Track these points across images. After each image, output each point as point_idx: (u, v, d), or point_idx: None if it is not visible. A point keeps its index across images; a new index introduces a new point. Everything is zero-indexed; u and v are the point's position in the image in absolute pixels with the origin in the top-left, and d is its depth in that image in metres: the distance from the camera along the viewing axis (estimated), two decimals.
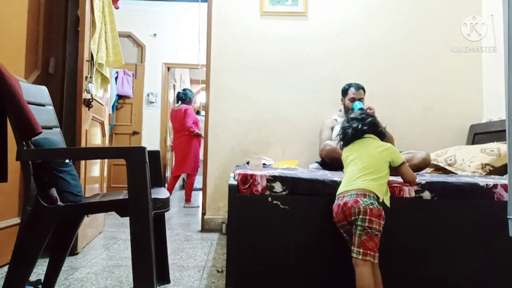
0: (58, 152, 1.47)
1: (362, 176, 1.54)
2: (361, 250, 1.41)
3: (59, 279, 1.73)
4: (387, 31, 3.23)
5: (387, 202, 1.55)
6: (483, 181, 1.73)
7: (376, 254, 1.42)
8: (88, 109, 2.40)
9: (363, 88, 2.84)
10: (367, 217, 1.43)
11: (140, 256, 1.30)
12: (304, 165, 2.94)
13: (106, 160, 3.00)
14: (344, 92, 2.88)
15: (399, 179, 1.72)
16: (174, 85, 6.77)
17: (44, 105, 1.63)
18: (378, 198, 1.50)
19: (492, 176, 2.19)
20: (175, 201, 4.93)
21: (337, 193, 1.57)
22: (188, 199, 4.68)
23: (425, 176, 1.97)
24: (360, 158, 1.61)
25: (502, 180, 1.80)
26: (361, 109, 2.55)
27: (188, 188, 4.71)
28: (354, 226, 1.46)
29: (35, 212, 1.33)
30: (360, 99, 2.82)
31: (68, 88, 2.47)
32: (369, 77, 3.15)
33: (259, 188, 1.65)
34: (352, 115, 1.81)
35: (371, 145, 1.65)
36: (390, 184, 1.65)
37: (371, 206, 1.45)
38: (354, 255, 1.43)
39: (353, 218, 1.46)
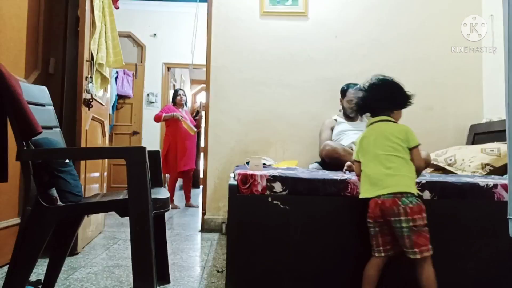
0: (58, 152, 1.47)
1: (392, 176, 1.48)
2: (417, 250, 1.41)
3: (59, 279, 1.73)
4: (387, 31, 3.23)
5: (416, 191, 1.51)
6: (483, 181, 1.73)
7: (430, 247, 1.42)
8: (88, 109, 2.40)
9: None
10: (410, 217, 1.42)
11: (140, 256, 1.30)
12: (304, 165, 2.93)
13: (106, 160, 3.00)
14: (342, 92, 2.87)
15: None
16: (174, 85, 6.77)
17: (44, 105, 1.63)
18: (413, 194, 1.47)
19: (492, 176, 2.19)
20: (176, 201, 4.92)
21: (368, 195, 1.51)
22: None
23: (425, 176, 1.97)
24: (379, 155, 1.52)
25: (502, 180, 1.80)
26: None
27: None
28: (396, 228, 1.43)
29: (35, 212, 1.33)
30: None
31: (68, 88, 2.47)
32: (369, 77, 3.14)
33: (259, 188, 1.65)
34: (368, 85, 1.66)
35: (388, 133, 1.54)
36: None
37: (410, 205, 1.43)
38: (411, 256, 1.42)
39: (393, 218, 1.43)
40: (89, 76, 2.39)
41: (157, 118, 4.58)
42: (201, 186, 4.54)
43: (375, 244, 1.49)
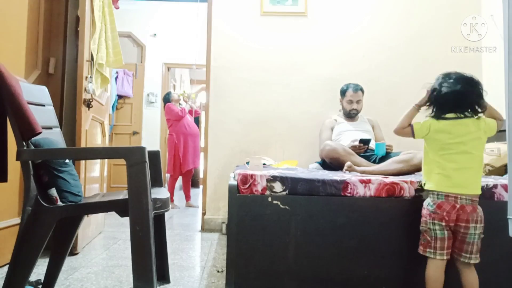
0: (58, 152, 1.47)
1: (476, 178, 1.50)
2: (478, 255, 1.46)
3: (59, 279, 1.73)
4: (387, 31, 3.23)
5: None
6: (483, 181, 1.72)
7: None
8: (88, 109, 2.40)
9: (361, 89, 2.84)
10: (483, 224, 1.47)
11: (140, 256, 1.30)
12: (304, 165, 2.93)
13: (106, 160, 3.00)
14: (342, 93, 2.88)
15: (400, 178, 1.72)
16: (174, 85, 6.77)
17: (44, 105, 1.63)
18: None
19: (492, 176, 2.19)
20: (176, 201, 4.92)
21: (448, 190, 1.48)
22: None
23: None
24: (470, 150, 1.51)
25: (502, 180, 1.80)
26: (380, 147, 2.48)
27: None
28: (470, 234, 1.45)
29: (35, 212, 1.33)
30: (358, 101, 2.82)
31: (68, 88, 2.47)
32: (369, 77, 3.15)
33: (259, 188, 1.65)
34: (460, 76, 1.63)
35: (476, 131, 1.58)
36: (391, 183, 1.65)
37: (482, 213, 1.48)
38: (471, 261, 1.45)
39: (471, 225, 1.44)
40: (89, 76, 2.39)
41: (181, 113, 4.56)
42: (201, 186, 4.54)
43: (440, 247, 1.47)
